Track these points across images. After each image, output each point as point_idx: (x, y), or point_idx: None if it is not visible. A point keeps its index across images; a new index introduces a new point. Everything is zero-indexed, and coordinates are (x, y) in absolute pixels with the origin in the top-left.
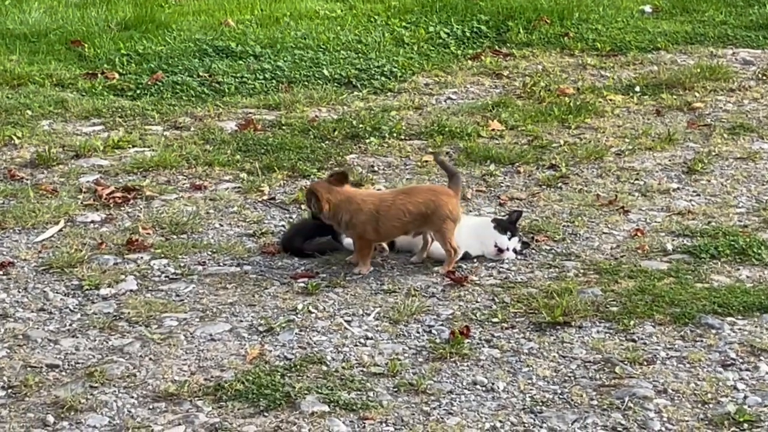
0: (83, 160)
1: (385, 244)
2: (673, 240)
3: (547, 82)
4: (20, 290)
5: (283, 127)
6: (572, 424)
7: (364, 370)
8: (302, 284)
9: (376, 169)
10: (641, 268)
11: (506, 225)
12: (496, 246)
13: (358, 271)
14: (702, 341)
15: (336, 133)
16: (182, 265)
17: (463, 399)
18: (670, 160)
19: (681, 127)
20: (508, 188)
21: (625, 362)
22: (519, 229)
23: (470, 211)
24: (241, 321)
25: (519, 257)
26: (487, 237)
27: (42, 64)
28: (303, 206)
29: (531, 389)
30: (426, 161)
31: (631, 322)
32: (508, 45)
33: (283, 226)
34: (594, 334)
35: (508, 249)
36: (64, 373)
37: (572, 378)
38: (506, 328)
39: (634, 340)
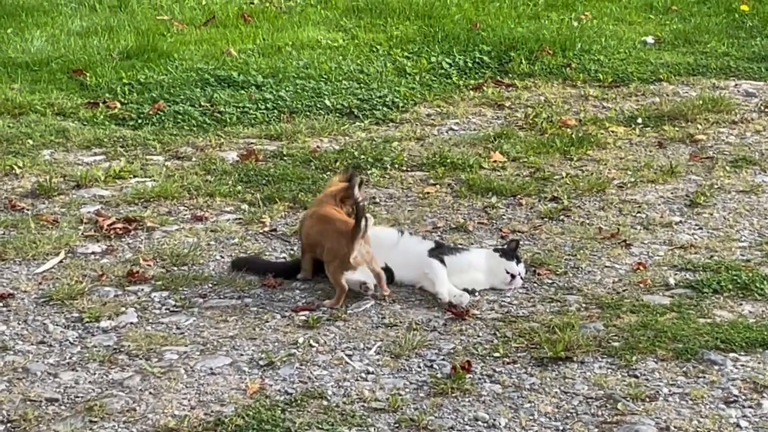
0: (84, 190)
1: (369, 281)
2: (676, 274)
3: (549, 113)
4: (20, 322)
5: (285, 158)
6: None
7: (365, 405)
8: (303, 317)
9: (377, 200)
10: (643, 302)
11: (511, 252)
12: (508, 273)
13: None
14: (705, 377)
15: (338, 164)
16: (183, 297)
17: None
18: (672, 193)
19: (683, 159)
20: (509, 220)
21: (628, 398)
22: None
23: (472, 244)
24: (242, 354)
25: (521, 290)
26: (495, 267)
27: (43, 93)
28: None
29: (533, 425)
30: (428, 193)
31: (634, 358)
32: (510, 75)
33: (284, 257)
34: (596, 370)
35: (519, 275)
36: (63, 407)
37: (574, 414)
38: (508, 363)
39: (636, 376)
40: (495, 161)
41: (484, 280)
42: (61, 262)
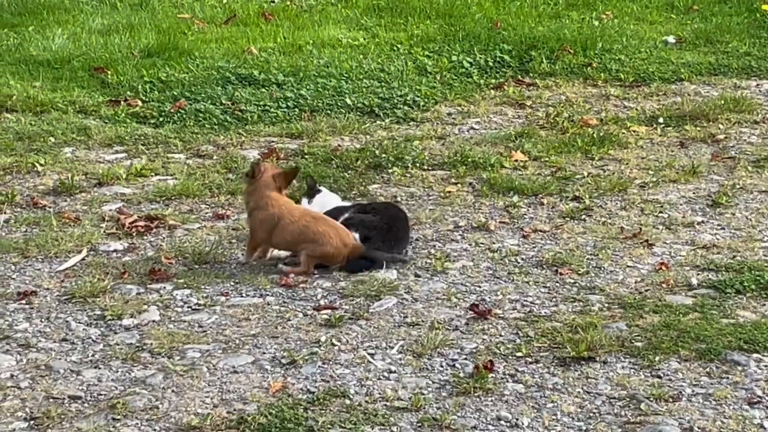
0: (106, 188)
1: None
2: (698, 274)
3: (571, 112)
4: (43, 320)
5: (306, 156)
6: None
7: (388, 404)
8: (325, 316)
9: (398, 199)
10: (666, 302)
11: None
12: None
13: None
14: (728, 378)
15: (359, 162)
16: (205, 295)
17: None
18: (694, 193)
19: (705, 159)
20: (531, 220)
21: (651, 399)
22: None
23: (493, 243)
24: (264, 353)
25: (543, 290)
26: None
27: (65, 90)
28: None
29: (556, 425)
30: (449, 192)
31: (657, 358)
32: (531, 75)
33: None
34: (619, 370)
35: None
36: (86, 405)
37: (597, 414)
38: (530, 363)
39: (659, 376)
40: (516, 160)
41: None
42: (83, 259)
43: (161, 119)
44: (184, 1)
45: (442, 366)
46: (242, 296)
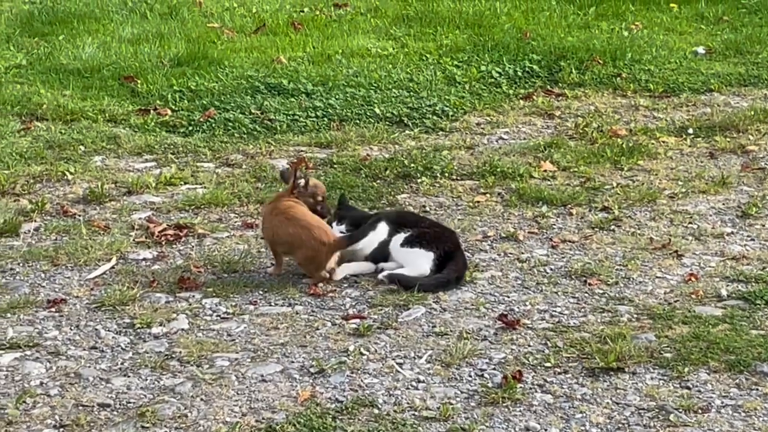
0: (135, 196)
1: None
2: (728, 285)
3: (600, 123)
4: (72, 328)
5: (335, 166)
6: None
7: (416, 413)
8: (354, 325)
9: (427, 209)
10: (695, 313)
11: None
12: None
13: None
14: (758, 389)
15: (387, 172)
16: (234, 304)
17: None
18: (723, 204)
19: (735, 170)
20: (560, 230)
21: (680, 410)
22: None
23: (522, 253)
24: (293, 362)
25: (572, 300)
26: None
27: (95, 99)
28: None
29: None
30: (478, 202)
31: (686, 369)
32: (560, 85)
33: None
34: (648, 381)
35: None
36: (115, 413)
37: (626, 425)
38: (559, 373)
39: (688, 388)
40: (545, 171)
41: None
42: (112, 268)
43: (190, 128)
44: (214, 10)
45: (470, 376)
46: (271, 305)
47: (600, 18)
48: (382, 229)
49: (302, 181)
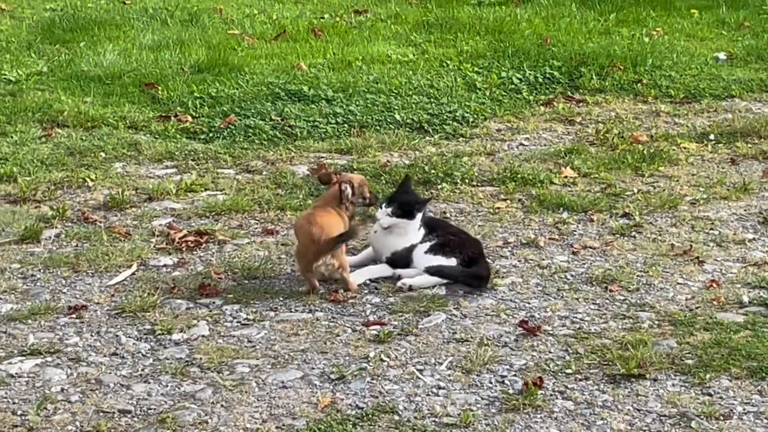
0: (156, 203)
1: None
2: (749, 292)
3: (621, 129)
4: (93, 334)
5: (355, 172)
6: None
7: (437, 420)
8: (374, 332)
9: (447, 215)
10: (717, 320)
11: None
12: None
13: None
14: None
15: None
16: (254, 310)
17: None
18: (745, 210)
19: (756, 176)
20: (581, 236)
21: (701, 417)
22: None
23: (543, 259)
24: (313, 368)
25: (593, 306)
26: None
27: (116, 106)
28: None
29: None
30: (498, 208)
31: (707, 376)
32: (581, 91)
33: (353, 271)
34: (669, 387)
35: None
36: (136, 419)
37: None
38: (580, 380)
39: (710, 394)
40: (566, 177)
41: None
42: (133, 274)
43: (211, 135)
44: (235, 17)
45: (491, 382)
46: (291, 311)
47: (620, 24)
48: (420, 231)
49: (348, 190)
